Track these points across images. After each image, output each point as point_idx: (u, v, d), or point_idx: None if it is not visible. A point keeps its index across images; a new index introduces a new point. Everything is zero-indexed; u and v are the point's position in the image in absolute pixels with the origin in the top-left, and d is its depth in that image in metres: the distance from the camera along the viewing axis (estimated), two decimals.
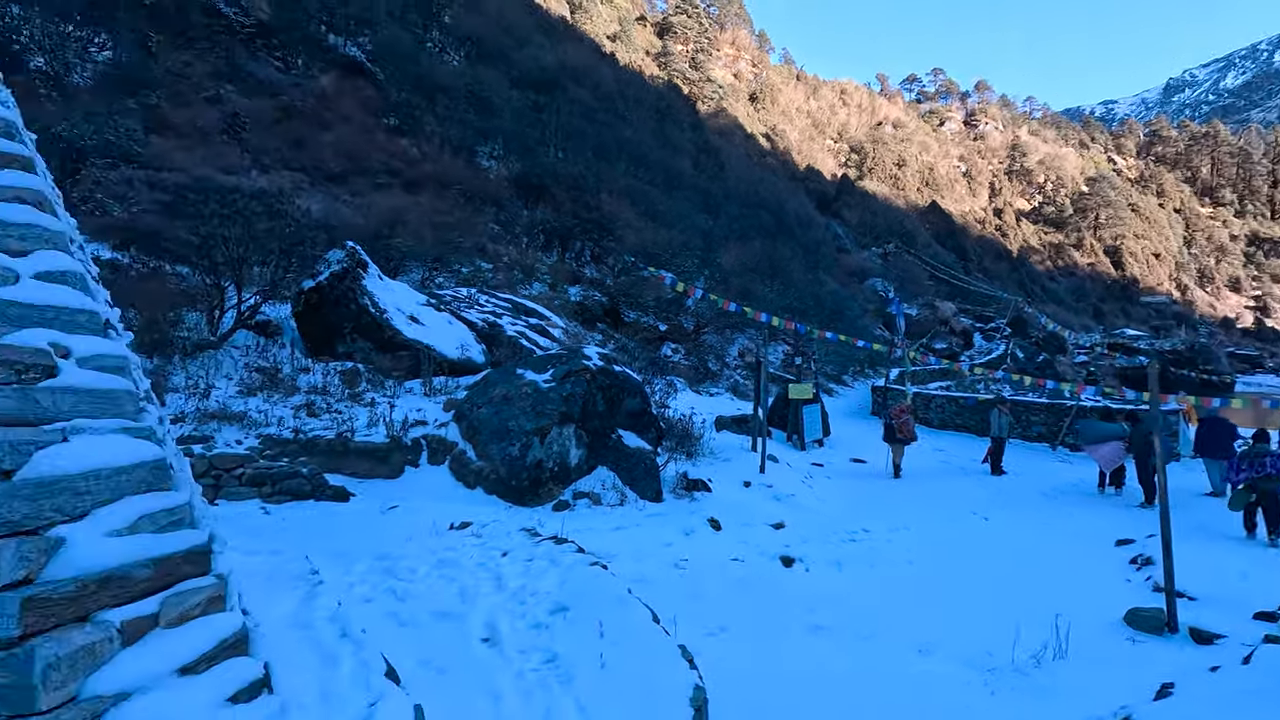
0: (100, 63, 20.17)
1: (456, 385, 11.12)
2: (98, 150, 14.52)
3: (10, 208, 2.67)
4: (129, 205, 13.84)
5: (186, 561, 2.68)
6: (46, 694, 2.10)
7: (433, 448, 8.94)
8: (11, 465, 2.30)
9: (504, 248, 24.86)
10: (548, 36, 39.02)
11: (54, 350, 2.58)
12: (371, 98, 27.90)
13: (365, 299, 11.54)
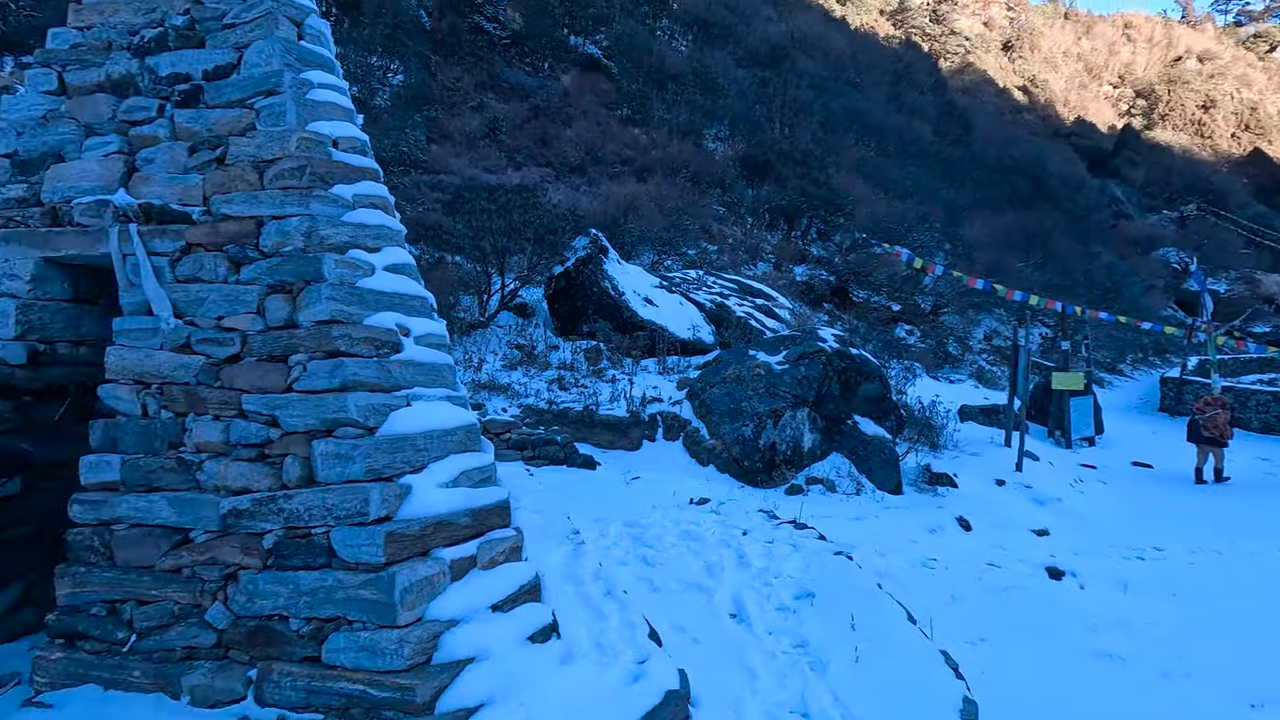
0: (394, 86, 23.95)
1: (688, 365, 11.47)
2: (394, 160, 17.31)
3: (368, 213, 3.25)
4: (417, 205, 16.34)
5: (494, 514, 3.09)
6: (403, 611, 2.56)
7: (668, 424, 9.34)
8: (374, 424, 2.82)
9: (729, 229, 24.99)
10: (775, 8, 38.07)
11: (399, 330, 3.11)
12: (607, 91, 29.62)
13: (606, 282, 12.35)
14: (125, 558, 2.87)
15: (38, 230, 3.39)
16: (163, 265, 3.14)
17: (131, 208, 3.29)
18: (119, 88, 3.56)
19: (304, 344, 2.88)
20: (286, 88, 3.29)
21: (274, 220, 3.08)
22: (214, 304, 3.04)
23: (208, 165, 3.26)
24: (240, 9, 3.50)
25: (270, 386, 2.86)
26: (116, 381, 3.06)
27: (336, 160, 3.29)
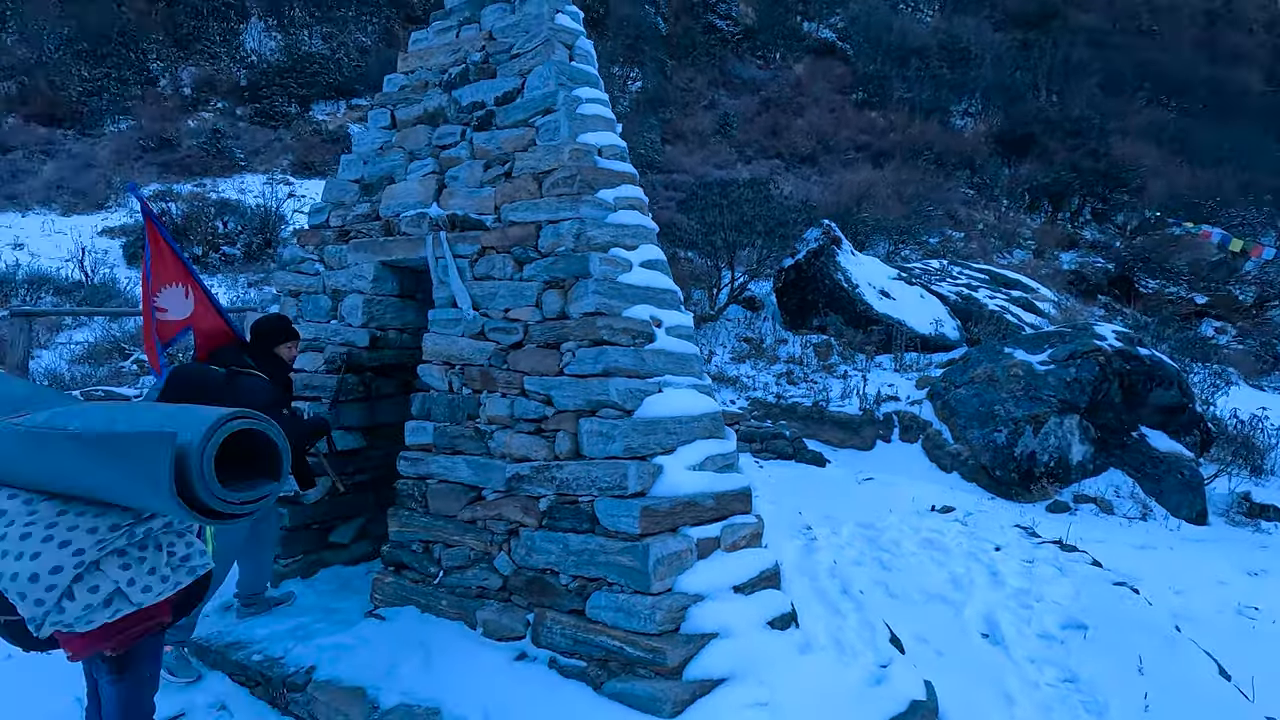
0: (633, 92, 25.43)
1: (929, 362, 10.64)
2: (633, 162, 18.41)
3: (627, 214, 3.54)
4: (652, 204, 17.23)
5: (736, 500, 3.20)
6: (655, 580, 2.78)
7: (905, 424, 8.77)
8: (631, 407, 3.08)
9: (978, 213, 22.57)
10: None
11: (652, 321, 3.36)
12: (841, 75, 28.40)
13: (838, 274, 11.92)
14: (435, 507, 3.49)
15: (377, 239, 4.23)
16: (464, 265, 3.74)
17: (441, 218, 3.96)
18: (433, 118, 4.30)
19: (573, 333, 3.24)
20: (560, 105, 3.70)
21: (550, 224, 3.49)
22: (502, 298, 3.54)
23: (498, 179, 3.80)
24: (523, 40, 4.01)
25: (546, 370, 3.27)
26: (430, 362, 3.71)
27: (601, 167, 3.63)
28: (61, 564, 1.56)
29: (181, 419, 1.53)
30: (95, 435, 1.52)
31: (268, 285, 12.89)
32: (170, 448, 1.44)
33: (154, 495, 1.46)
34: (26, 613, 1.56)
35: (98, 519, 1.63)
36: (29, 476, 1.62)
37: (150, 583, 1.71)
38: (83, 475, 1.56)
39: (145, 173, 16.83)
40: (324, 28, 24.15)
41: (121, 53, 20.67)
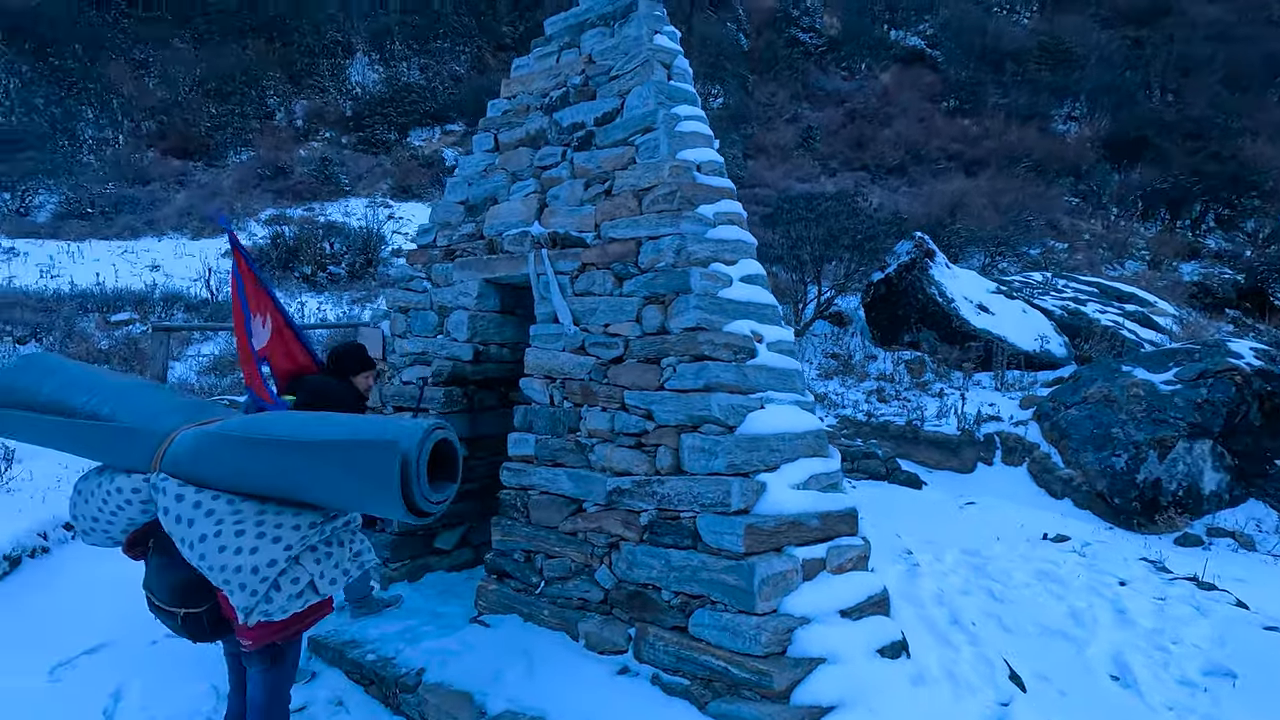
0: (714, 109, 25.49)
1: (1033, 380, 10.04)
2: None
3: (726, 229, 3.54)
4: None
5: (841, 521, 3.10)
6: (760, 600, 2.72)
7: (1008, 446, 8.29)
8: (734, 423, 3.05)
9: (1084, 222, 21.23)
10: None
11: (753, 336, 3.32)
12: (931, 83, 27.49)
13: (932, 288, 11.46)
14: (537, 518, 3.56)
15: (481, 258, 4.40)
16: (565, 282, 3.83)
17: (543, 236, 4.07)
18: (534, 140, 4.45)
19: (674, 348, 3.25)
20: (660, 124, 3.75)
21: (650, 240, 3.53)
22: (602, 313, 3.60)
23: (598, 197, 3.88)
24: (622, 62, 4.10)
25: (646, 385, 3.29)
26: (532, 376, 3.81)
27: (700, 183, 3.64)
28: (275, 558, 1.71)
29: (389, 429, 1.66)
30: (319, 442, 1.65)
31: (370, 302, 13.65)
32: (398, 455, 1.57)
33: (380, 497, 1.60)
34: (241, 603, 1.70)
35: (296, 517, 1.76)
36: (230, 478, 1.76)
37: (335, 575, 1.85)
38: (297, 477, 1.70)
39: (261, 199, 18.23)
40: (421, 59, 25.54)
41: (244, 90, 22.57)
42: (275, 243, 14.79)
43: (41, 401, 2.00)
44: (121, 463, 1.94)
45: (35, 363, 2.14)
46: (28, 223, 15.45)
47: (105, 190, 17.08)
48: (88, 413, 1.96)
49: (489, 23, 26.87)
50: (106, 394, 1.97)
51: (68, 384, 2.04)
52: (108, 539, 1.95)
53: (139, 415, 1.95)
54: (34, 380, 2.07)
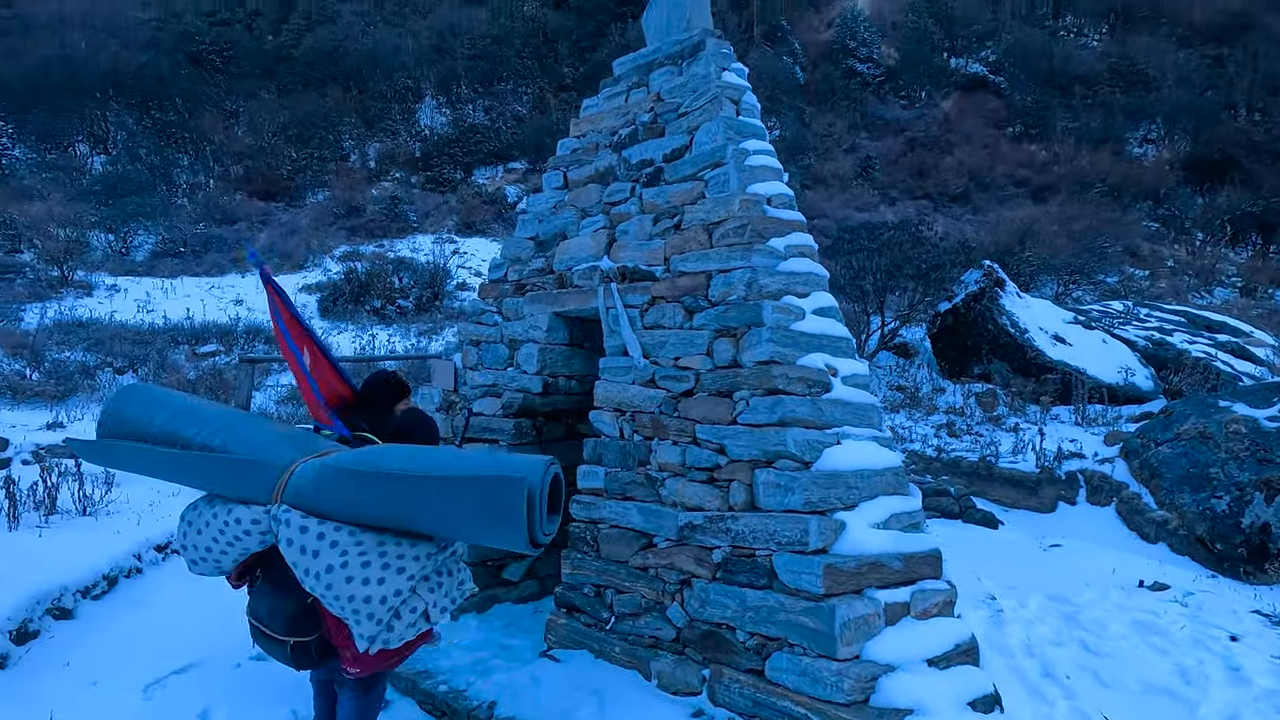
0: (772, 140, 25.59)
1: (1117, 415, 9.50)
2: None
3: (798, 261, 3.51)
4: None
5: (925, 563, 2.97)
6: (841, 645, 2.62)
7: (1093, 485, 7.83)
8: (809, 458, 2.98)
9: (1166, 248, 20.24)
10: None
11: (827, 370, 3.26)
12: (994, 109, 26.94)
13: (1003, 319, 11.05)
14: (607, 551, 3.54)
15: (551, 292, 4.49)
16: (634, 315, 3.86)
17: (612, 270, 4.13)
18: (603, 177, 4.54)
19: (746, 382, 3.22)
20: (729, 158, 3.77)
21: (720, 273, 3.53)
22: (672, 346, 3.60)
23: (667, 231, 3.92)
24: (691, 99, 4.17)
25: (718, 418, 3.26)
26: (602, 409, 3.83)
27: (770, 216, 3.64)
28: (400, 588, 1.76)
29: (512, 464, 1.71)
30: (449, 478, 1.70)
31: (436, 334, 14.08)
32: (524, 489, 1.62)
33: (505, 530, 1.66)
34: (366, 632, 1.75)
35: (414, 548, 1.81)
36: (351, 510, 1.82)
37: (445, 604, 1.89)
38: (421, 510, 1.75)
39: (336, 236, 19.17)
40: (485, 101, 26.64)
41: (322, 135, 23.97)
42: (348, 278, 15.48)
43: (153, 433, 2.06)
44: (238, 494, 1.97)
45: (139, 394, 2.19)
46: (128, 261, 16.66)
47: (196, 230, 18.30)
48: (200, 444, 2.02)
49: (550, 65, 27.87)
50: (216, 426, 2.04)
51: (177, 416, 2.10)
52: (217, 569, 2.01)
53: (252, 447, 2.01)
54: (143, 412, 2.11)
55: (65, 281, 14.10)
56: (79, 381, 9.56)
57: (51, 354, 10.13)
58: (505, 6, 30.15)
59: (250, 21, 29.08)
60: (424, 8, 30.81)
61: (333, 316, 14.69)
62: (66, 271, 14.21)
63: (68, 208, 16.67)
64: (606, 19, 28.14)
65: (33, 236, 15.11)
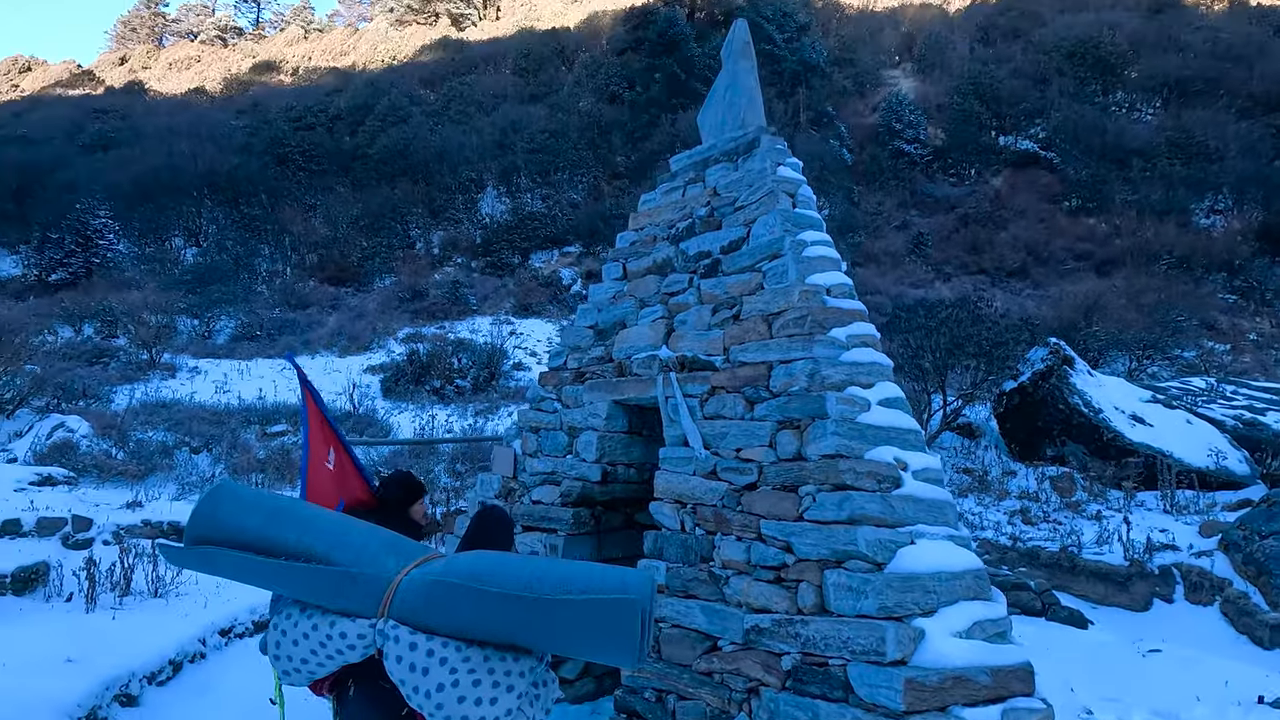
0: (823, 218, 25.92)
1: (1211, 503, 8.82)
2: None
3: (861, 351, 3.47)
4: None
5: (1015, 677, 2.75)
6: None
7: (1191, 581, 7.19)
8: (882, 559, 2.85)
9: (1246, 320, 19.26)
10: None
11: (897, 464, 3.15)
12: (1048, 184, 26.76)
13: (1075, 397, 10.58)
14: (669, 653, 3.41)
15: (610, 380, 4.54)
16: (694, 405, 3.85)
17: (671, 359, 4.16)
18: (661, 269, 4.66)
19: (812, 476, 3.13)
20: (787, 250, 3.83)
21: (781, 364, 3.52)
22: (733, 437, 3.56)
23: (726, 322, 3.95)
24: (747, 193, 4.29)
25: (783, 514, 3.17)
26: (662, 500, 3.78)
27: (830, 306, 3.64)
28: (511, 706, 1.73)
29: (624, 582, 1.70)
30: (563, 600, 1.70)
31: (492, 414, 14.33)
32: (639, 609, 1.61)
33: (619, 649, 1.65)
34: None
35: (518, 663, 1.78)
36: (461, 627, 1.79)
37: (541, 716, 1.84)
38: (534, 629, 1.73)
39: (400, 319, 20.03)
40: (543, 190, 28.01)
41: (391, 224, 25.51)
42: (410, 359, 16.05)
43: (250, 538, 2.00)
44: (342, 606, 1.88)
45: (230, 495, 2.14)
46: (209, 344, 17.73)
47: (272, 315, 19.44)
48: (301, 552, 1.96)
49: (604, 154, 29.28)
50: (316, 531, 2.00)
51: (273, 519, 2.03)
52: (309, 679, 1.98)
53: (355, 556, 1.95)
54: (236, 514, 2.04)
55: (153, 364, 15.07)
56: (158, 461, 10.03)
57: (135, 434, 10.71)
58: (563, 103, 32.14)
59: (331, 125, 31.74)
60: (487, 107, 33.12)
61: (394, 397, 15.16)
62: (155, 355, 15.19)
63: (160, 296, 18.00)
64: (658, 112, 29.61)
65: (128, 323, 16.31)
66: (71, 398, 11.63)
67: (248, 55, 47.75)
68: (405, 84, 35.01)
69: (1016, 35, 33.57)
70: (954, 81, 31.30)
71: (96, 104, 36.54)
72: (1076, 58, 29.85)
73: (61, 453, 9.13)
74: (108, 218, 22.30)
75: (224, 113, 34.24)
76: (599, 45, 37.01)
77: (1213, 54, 28.83)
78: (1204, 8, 34.27)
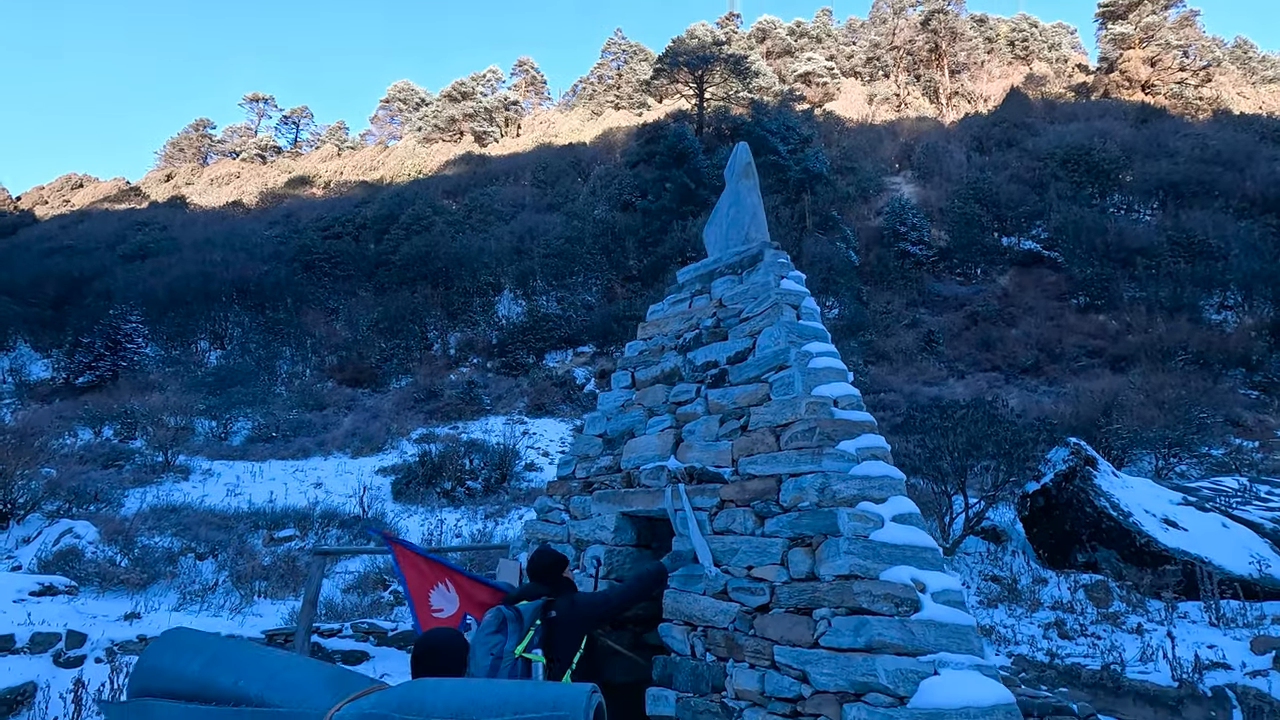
0: (830, 319, 26.28)
1: (1260, 615, 8.29)
2: None
3: (871, 464, 3.41)
4: None
5: None
6: None
7: (1249, 705, 6.64)
8: (904, 692, 2.67)
9: (1271, 417, 18.86)
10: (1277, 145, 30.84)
11: (915, 585, 3.02)
12: (1054, 283, 27.16)
13: (1101, 500, 10.24)
14: None
15: (618, 490, 4.48)
16: (703, 519, 3.76)
17: (679, 470, 4.11)
18: (669, 378, 4.69)
19: (826, 598, 3.00)
20: (793, 361, 3.85)
21: (791, 477, 3.46)
22: (744, 554, 3.45)
23: (734, 432, 3.93)
24: (751, 305, 4.37)
25: (797, 639, 3.01)
26: (671, 621, 3.62)
27: (839, 418, 3.61)
28: None
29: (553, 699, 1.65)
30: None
31: (502, 516, 14.08)
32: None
33: None
34: None
35: None
36: None
37: None
38: None
39: (414, 419, 20.13)
40: (558, 292, 28.82)
41: (410, 327, 26.17)
42: (422, 460, 15.99)
43: (187, 686, 2.00)
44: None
45: (175, 641, 2.16)
46: (225, 446, 17.83)
47: (289, 416, 19.62)
48: (237, 695, 1.97)
49: (617, 258, 30.28)
50: (254, 672, 2.00)
51: (212, 663, 2.04)
52: None
53: (289, 694, 1.96)
54: (176, 661, 2.07)
55: (168, 466, 15.11)
56: (162, 568, 9.85)
57: (142, 539, 10.58)
58: (578, 211, 33.65)
59: (358, 234, 33.31)
60: (506, 215, 34.72)
61: (404, 499, 14.99)
62: (170, 457, 15.26)
63: (181, 398, 18.31)
64: (669, 218, 30.87)
65: (146, 424, 16.51)
66: (83, 502, 11.60)
67: (284, 171, 50.96)
68: (429, 195, 36.95)
69: (1010, 144, 35.15)
70: (954, 186, 32.54)
71: (140, 216, 38.78)
72: (1070, 164, 31.07)
73: (66, 560, 9.01)
74: (138, 322, 23.08)
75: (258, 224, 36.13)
76: (613, 159, 39.17)
77: (1203, 159, 29.91)
78: (1189, 117, 35.90)
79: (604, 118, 46.93)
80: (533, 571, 3.51)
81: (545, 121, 51.07)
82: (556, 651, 3.07)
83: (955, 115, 43.06)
